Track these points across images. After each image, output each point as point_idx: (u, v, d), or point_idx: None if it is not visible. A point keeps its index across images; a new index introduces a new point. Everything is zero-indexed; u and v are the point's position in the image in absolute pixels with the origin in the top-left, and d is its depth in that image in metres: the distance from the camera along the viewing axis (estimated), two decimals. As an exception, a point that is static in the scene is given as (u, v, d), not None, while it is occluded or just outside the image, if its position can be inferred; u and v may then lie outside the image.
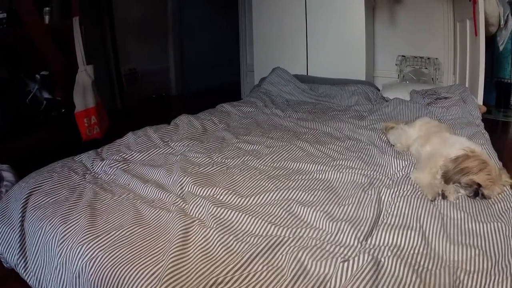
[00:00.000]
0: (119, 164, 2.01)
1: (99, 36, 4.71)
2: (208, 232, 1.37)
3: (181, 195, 1.70)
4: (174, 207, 1.58)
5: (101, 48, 4.74)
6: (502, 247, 1.36)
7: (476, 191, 1.71)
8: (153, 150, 2.17)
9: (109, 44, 4.85)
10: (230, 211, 1.52)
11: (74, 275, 1.32)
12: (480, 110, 3.38)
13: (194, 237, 1.36)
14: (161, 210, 1.55)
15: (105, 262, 1.27)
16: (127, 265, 1.24)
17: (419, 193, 1.72)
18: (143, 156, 2.11)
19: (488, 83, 7.28)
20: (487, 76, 7.11)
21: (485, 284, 1.19)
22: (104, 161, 2.04)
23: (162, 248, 1.31)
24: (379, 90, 4.03)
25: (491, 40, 6.18)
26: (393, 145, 2.33)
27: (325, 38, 4.43)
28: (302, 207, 1.57)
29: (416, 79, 5.30)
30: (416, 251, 1.32)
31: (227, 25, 6.43)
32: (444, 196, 1.71)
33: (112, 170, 1.96)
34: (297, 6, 4.39)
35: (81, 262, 1.31)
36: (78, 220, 1.49)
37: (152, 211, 1.55)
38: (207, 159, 2.05)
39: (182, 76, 6.30)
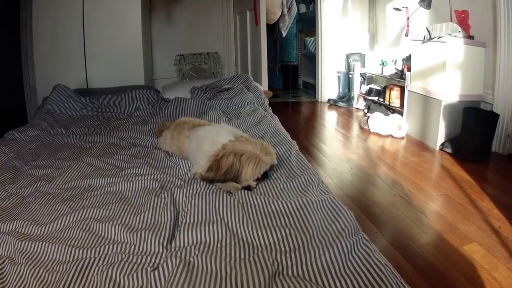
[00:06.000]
0: None
1: None
2: (21, 270, 1.37)
3: (-15, 235, 1.65)
4: (-17, 250, 1.54)
5: None
6: (314, 221, 1.48)
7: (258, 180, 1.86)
8: (-48, 194, 2.08)
9: None
10: (34, 242, 1.51)
11: None
12: (266, 95, 3.69)
13: (9, 277, 1.35)
14: (-28, 255, 1.50)
15: None
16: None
17: (213, 187, 1.83)
18: None
19: (273, 68, 8.02)
20: (272, 62, 7.82)
21: (305, 260, 1.28)
22: None
23: (-16, 296, 1.29)
24: (159, 92, 4.20)
25: (273, 28, 6.77)
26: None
27: (103, 48, 4.63)
28: (100, 224, 1.58)
29: (196, 76, 5.61)
30: (223, 244, 1.39)
31: (11, 48, 6.30)
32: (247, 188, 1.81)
33: None
34: (74, 18, 4.60)
35: None
36: None
37: (-35, 258, 1.50)
38: (3, 193, 2.02)
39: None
